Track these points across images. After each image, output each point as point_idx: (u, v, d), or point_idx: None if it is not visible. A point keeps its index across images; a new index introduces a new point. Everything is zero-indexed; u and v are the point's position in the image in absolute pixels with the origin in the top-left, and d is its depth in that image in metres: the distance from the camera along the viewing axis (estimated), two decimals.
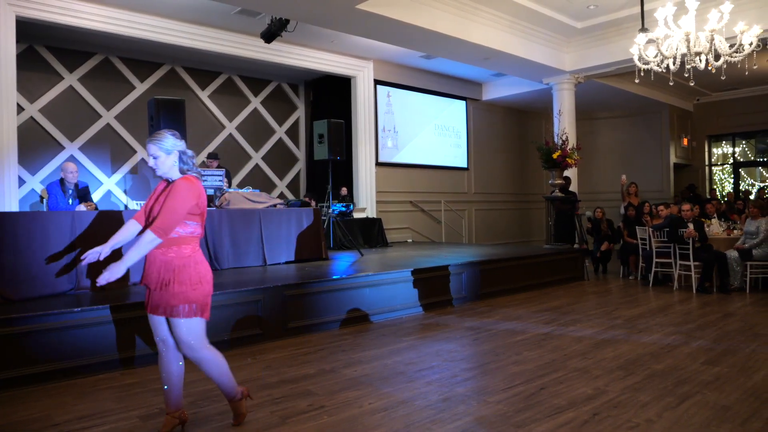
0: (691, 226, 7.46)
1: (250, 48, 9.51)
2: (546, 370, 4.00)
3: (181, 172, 2.87)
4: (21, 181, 8.38)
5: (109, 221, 5.15)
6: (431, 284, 6.45)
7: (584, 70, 10.83)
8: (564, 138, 9.45)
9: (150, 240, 2.70)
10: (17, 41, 7.59)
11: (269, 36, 8.31)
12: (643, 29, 7.08)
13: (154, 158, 2.83)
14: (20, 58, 8.06)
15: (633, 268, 8.97)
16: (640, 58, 6.89)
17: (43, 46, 8.99)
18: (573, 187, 10.39)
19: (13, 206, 7.31)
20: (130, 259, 2.70)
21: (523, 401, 3.35)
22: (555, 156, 9.03)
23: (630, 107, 14.54)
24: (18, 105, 7.92)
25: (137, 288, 4.95)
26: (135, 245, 2.71)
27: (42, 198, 8.76)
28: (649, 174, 14.19)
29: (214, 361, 2.91)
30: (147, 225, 2.80)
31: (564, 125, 10.72)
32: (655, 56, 6.72)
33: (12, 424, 3.11)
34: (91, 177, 9.22)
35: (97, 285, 2.72)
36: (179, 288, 2.75)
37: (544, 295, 7.39)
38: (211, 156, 9.05)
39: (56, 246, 4.82)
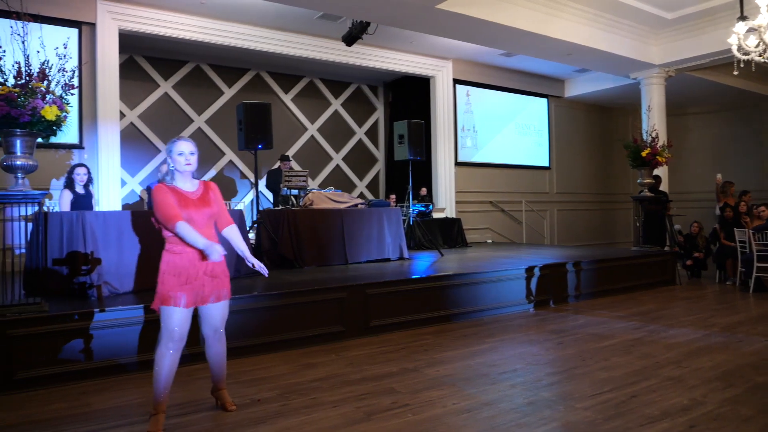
0: None
1: (331, 51, 9.74)
2: (636, 377, 3.84)
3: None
4: (122, 182, 8.99)
5: None
6: (513, 286, 6.35)
7: (675, 63, 10.30)
8: (654, 135, 9.02)
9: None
10: (119, 52, 8.16)
11: (350, 39, 8.47)
12: (742, 17, 6.65)
13: (194, 155, 3.04)
14: (122, 68, 8.65)
15: (731, 273, 8.43)
16: (740, 48, 6.47)
17: (141, 56, 9.63)
18: (663, 187, 9.90)
19: (117, 206, 7.85)
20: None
21: (613, 409, 3.24)
22: (644, 154, 8.63)
23: (725, 101, 13.65)
24: (120, 112, 8.50)
25: None
26: (241, 240, 3.20)
27: (142, 198, 9.33)
28: (747, 172, 13.25)
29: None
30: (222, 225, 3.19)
31: (653, 121, 10.22)
32: (757, 45, 6.29)
33: (115, 408, 3.35)
34: None
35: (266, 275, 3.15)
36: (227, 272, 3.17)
37: (632, 299, 7.09)
38: (284, 158, 9.21)
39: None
